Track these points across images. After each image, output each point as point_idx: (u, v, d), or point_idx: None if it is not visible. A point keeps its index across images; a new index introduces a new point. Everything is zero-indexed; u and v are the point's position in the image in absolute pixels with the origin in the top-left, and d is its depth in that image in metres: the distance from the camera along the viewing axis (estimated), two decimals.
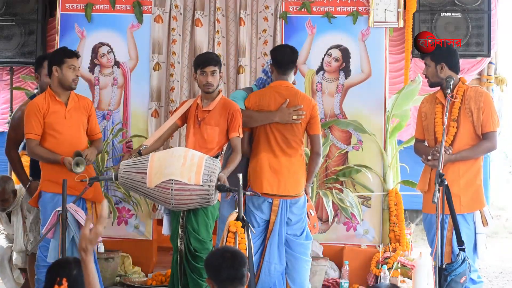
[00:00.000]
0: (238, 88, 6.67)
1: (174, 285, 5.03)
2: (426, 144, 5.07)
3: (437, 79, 4.98)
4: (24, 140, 5.24)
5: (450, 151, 4.80)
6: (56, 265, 3.35)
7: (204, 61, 5.14)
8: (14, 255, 5.87)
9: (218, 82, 5.18)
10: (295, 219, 5.14)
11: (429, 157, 4.78)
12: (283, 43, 6.66)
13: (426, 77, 5.07)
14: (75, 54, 5.17)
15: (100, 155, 6.22)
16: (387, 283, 3.51)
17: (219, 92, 5.24)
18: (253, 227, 5.04)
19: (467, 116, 4.87)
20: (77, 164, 4.92)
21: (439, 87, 5.00)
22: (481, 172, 4.97)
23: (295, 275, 5.17)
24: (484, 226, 4.88)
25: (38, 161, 5.19)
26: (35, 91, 6.07)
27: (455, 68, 5.00)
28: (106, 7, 6.88)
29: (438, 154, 4.58)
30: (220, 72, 5.17)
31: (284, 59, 5.20)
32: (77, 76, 5.13)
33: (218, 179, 4.74)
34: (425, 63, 5.05)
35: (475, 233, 4.84)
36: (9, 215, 5.86)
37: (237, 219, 4.60)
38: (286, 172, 5.09)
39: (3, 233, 6.05)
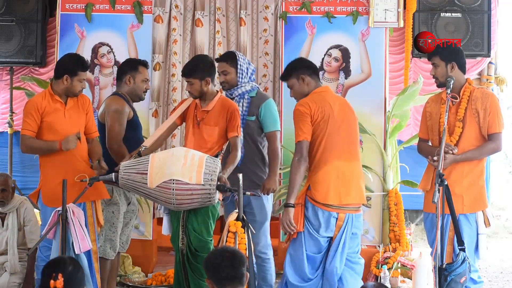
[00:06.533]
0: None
1: (180, 285, 5.01)
2: (430, 143, 5.07)
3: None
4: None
5: (455, 150, 4.78)
6: (52, 263, 3.39)
7: (182, 73, 5.22)
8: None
9: (202, 89, 5.13)
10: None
11: (435, 158, 4.76)
12: (283, 43, 6.68)
13: (434, 77, 4.98)
14: (87, 68, 5.15)
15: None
16: (373, 282, 3.51)
17: (217, 92, 5.24)
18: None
19: (473, 116, 4.85)
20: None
21: (444, 87, 4.97)
22: (484, 173, 4.96)
23: None
24: (486, 226, 4.88)
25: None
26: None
27: (463, 68, 4.96)
28: (106, 7, 6.88)
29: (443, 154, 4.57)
30: (204, 79, 5.09)
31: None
32: (83, 88, 5.11)
33: (218, 180, 4.71)
34: (433, 64, 4.96)
35: (477, 234, 4.83)
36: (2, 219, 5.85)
37: (237, 219, 4.60)
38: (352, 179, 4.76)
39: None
